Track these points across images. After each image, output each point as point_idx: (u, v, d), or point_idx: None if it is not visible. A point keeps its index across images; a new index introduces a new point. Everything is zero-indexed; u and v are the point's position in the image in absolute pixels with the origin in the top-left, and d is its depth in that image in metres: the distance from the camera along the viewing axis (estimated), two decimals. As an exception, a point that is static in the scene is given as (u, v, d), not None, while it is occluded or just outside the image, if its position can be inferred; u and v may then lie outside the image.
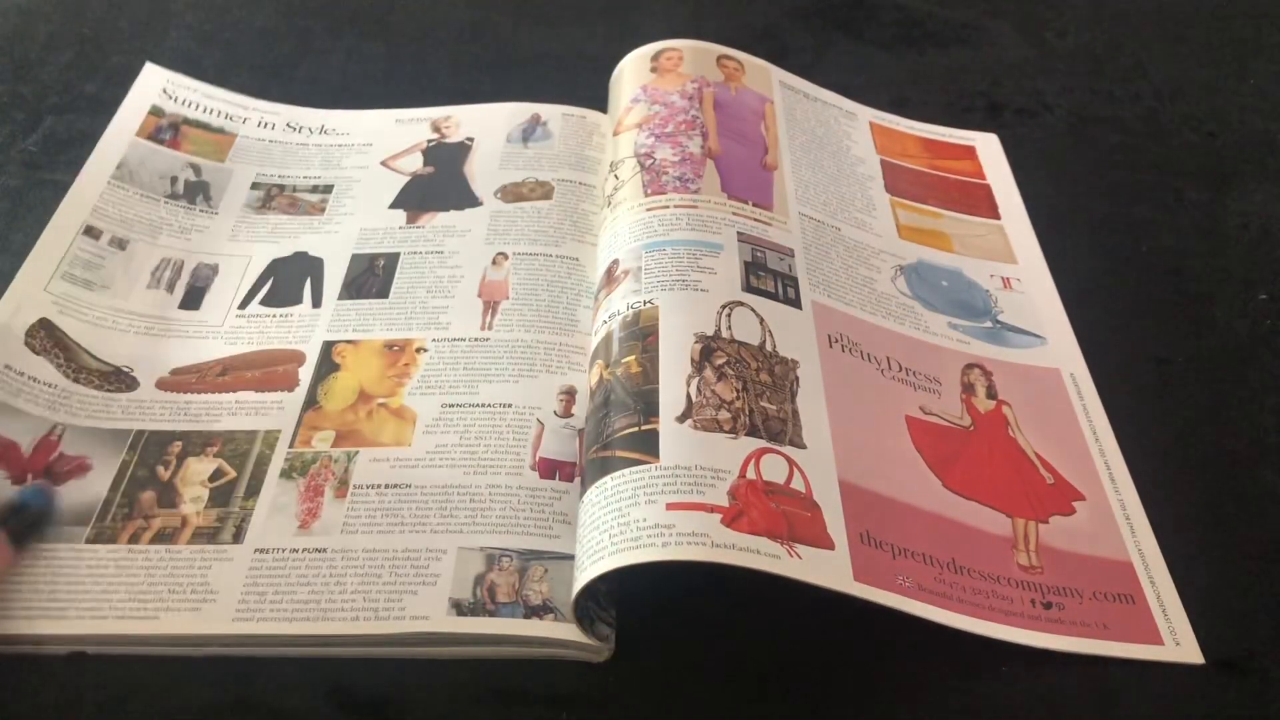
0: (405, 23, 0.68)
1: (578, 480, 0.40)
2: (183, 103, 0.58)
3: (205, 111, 0.58)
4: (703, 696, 0.35)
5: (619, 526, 0.35)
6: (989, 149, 0.58)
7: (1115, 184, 0.57)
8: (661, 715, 0.35)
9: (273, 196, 0.54)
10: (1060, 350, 0.47)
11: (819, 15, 0.69)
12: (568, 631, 0.35)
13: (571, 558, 0.37)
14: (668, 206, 0.47)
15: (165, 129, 0.56)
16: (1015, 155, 0.58)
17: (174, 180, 0.54)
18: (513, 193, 0.53)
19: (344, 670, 0.36)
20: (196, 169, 0.55)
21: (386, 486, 0.40)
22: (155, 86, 0.59)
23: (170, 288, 0.49)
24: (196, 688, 0.35)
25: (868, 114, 0.59)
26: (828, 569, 0.35)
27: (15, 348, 0.45)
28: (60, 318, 0.46)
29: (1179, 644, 0.36)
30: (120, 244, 0.50)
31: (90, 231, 0.50)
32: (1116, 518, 0.40)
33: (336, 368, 0.45)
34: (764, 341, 0.41)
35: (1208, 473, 0.43)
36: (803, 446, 0.38)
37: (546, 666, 0.36)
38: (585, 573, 0.34)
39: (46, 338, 0.45)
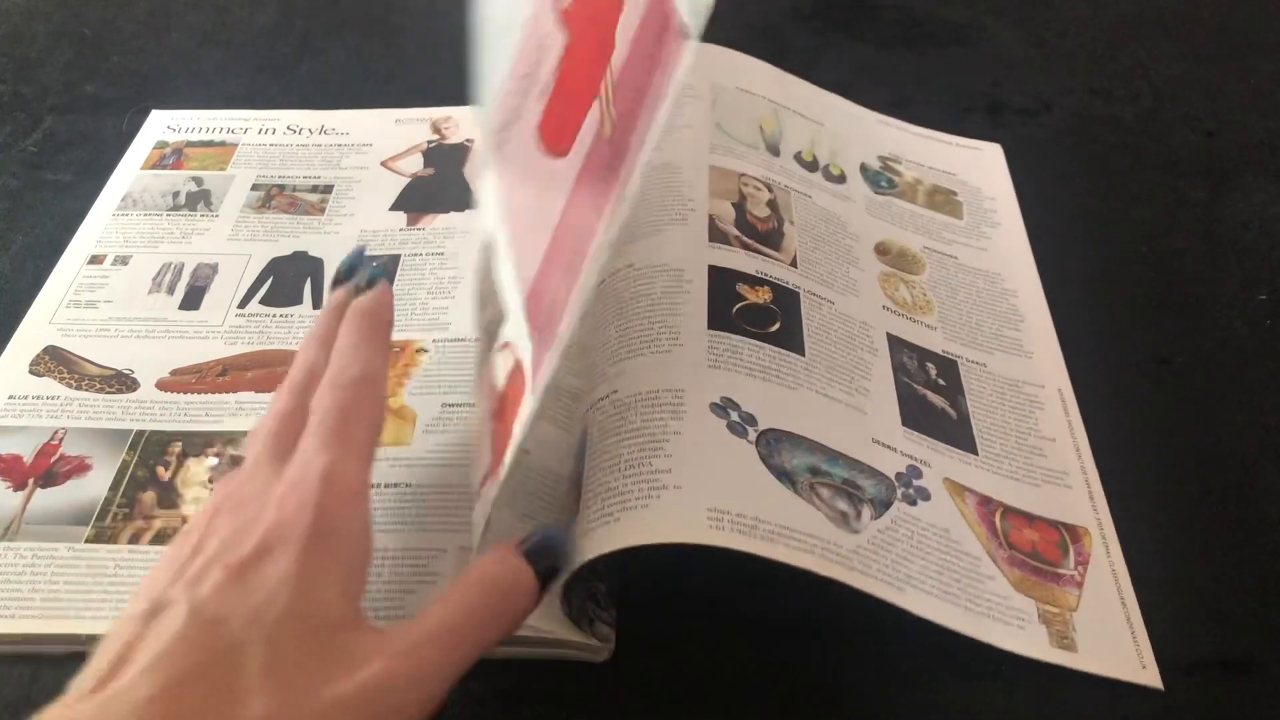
0: (405, 23, 0.68)
1: None
2: (185, 130, 0.58)
3: (206, 132, 0.58)
4: (703, 696, 0.35)
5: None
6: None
7: (1115, 184, 0.57)
8: (661, 715, 0.35)
9: (272, 196, 0.54)
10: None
11: (819, 15, 0.69)
12: (568, 631, 0.35)
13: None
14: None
15: (169, 155, 0.56)
16: (1015, 155, 0.58)
17: (175, 195, 0.54)
18: (513, 193, 0.53)
19: (344, 670, 0.36)
20: (198, 180, 0.55)
21: (386, 486, 0.40)
22: (160, 126, 0.59)
23: (170, 290, 0.49)
24: (197, 688, 0.35)
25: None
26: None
27: (18, 378, 0.45)
28: (64, 339, 0.46)
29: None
30: (123, 260, 0.50)
31: (94, 260, 0.50)
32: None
33: (336, 368, 0.45)
34: None
35: (1207, 472, 0.43)
36: None
37: (546, 666, 0.36)
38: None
39: (50, 360, 0.45)
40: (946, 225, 0.53)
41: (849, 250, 0.49)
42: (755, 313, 0.42)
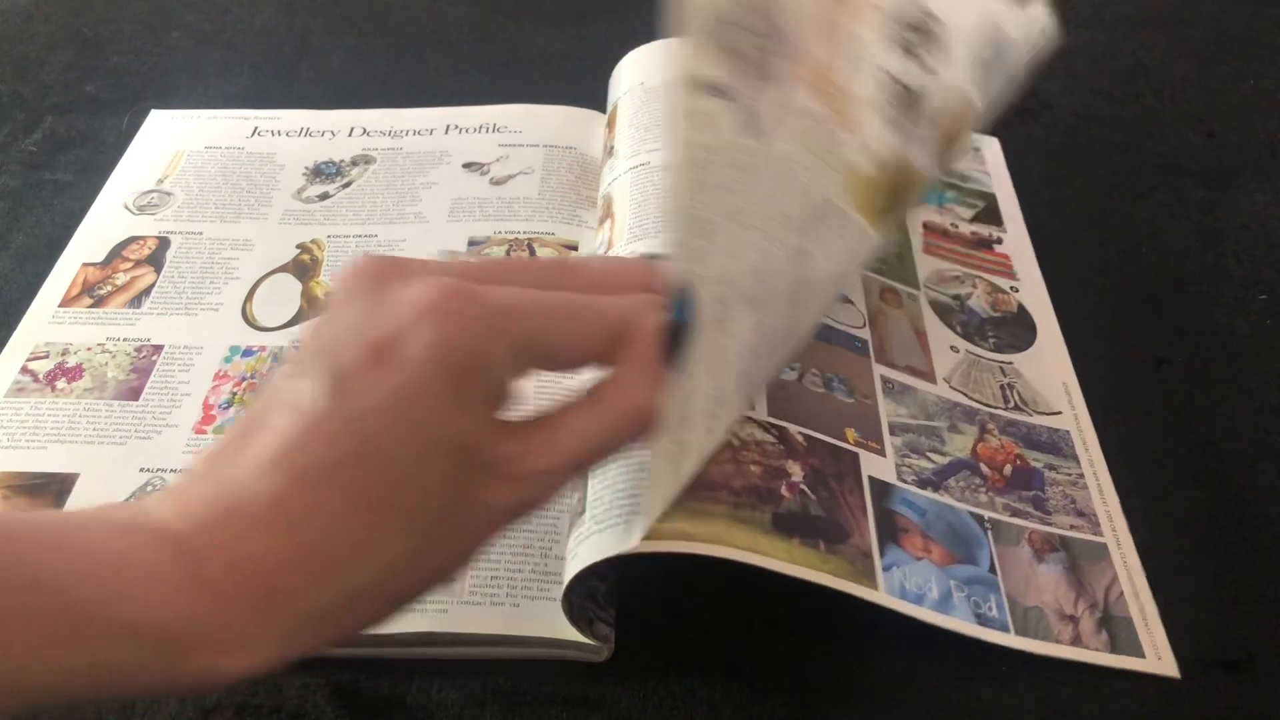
0: (405, 23, 0.68)
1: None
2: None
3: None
4: (703, 696, 0.35)
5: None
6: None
7: (1115, 184, 0.57)
8: (661, 715, 0.35)
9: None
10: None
11: (819, 15, 0.69)
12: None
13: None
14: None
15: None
16: (1015, 155, 0.58)
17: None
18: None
19: (345, 670, 0.36)
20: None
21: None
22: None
23: None
24: (196, 688, 0.35)
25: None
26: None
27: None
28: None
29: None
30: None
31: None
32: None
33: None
34: None
35: (1207, 472, 0.43)
36: None
37: (546, 666, 0.36)
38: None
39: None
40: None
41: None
42: None
